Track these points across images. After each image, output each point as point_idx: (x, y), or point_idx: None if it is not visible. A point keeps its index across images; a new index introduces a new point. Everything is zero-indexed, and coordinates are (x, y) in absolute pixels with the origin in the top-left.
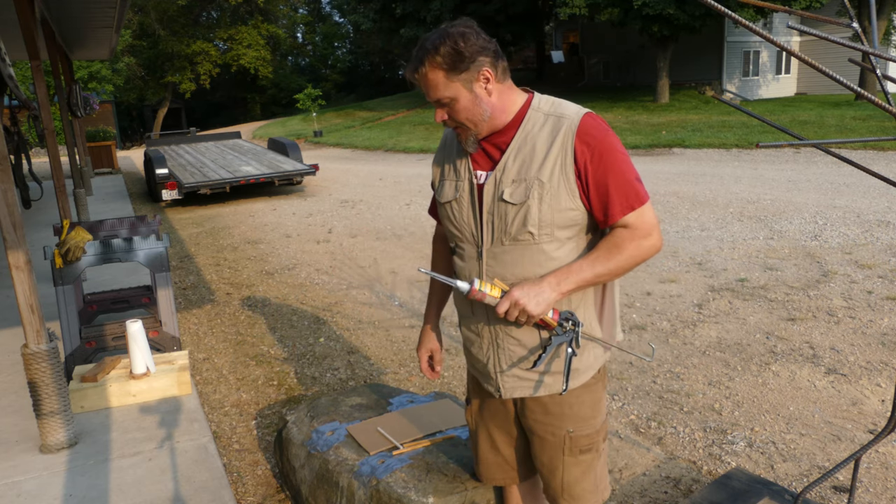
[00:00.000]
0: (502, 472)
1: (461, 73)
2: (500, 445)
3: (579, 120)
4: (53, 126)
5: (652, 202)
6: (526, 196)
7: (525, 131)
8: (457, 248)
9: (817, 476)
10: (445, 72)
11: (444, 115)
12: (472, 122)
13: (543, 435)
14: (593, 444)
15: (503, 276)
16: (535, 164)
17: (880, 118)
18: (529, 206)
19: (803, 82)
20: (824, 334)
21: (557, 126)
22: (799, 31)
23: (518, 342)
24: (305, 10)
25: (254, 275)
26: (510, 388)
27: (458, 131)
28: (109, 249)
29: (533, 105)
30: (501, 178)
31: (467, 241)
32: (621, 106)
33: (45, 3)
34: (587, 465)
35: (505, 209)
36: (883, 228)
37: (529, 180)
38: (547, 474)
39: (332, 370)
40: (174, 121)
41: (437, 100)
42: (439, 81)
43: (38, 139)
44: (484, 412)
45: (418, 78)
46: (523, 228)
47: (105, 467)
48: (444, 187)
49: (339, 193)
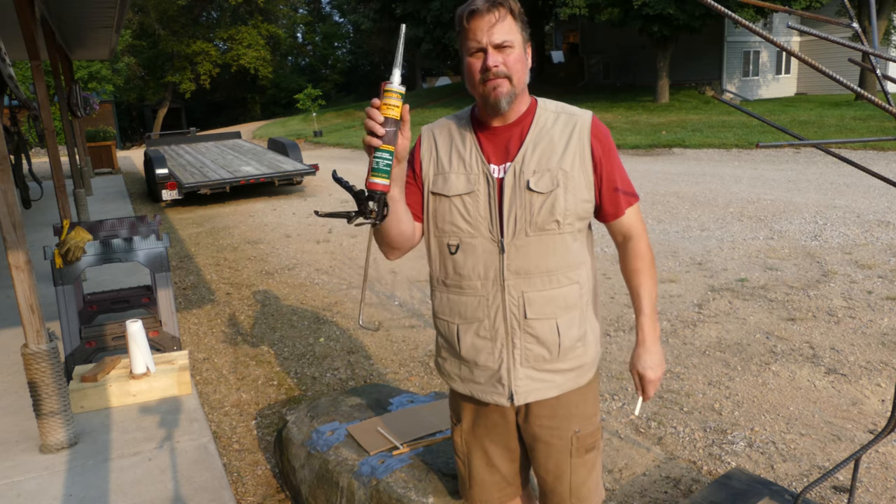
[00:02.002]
0: (500, 491)
1: (523, 30)
2: (498, 462)
3: (590, 119)
4: (53, 126)
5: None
6: (553, 185)
7: (539, 126)
8: (461, 246)
9: (817, 476)
10: (515, 20)
11: (500, 59)
12: (519, 77)
13: (549, 440)
14: (596, 442)
15: (526, 268)
16: (555, 156)
17: (880, 118)
18: (557, 195)
19: (803, 82)
20: (824, 334)
21: (571, 122)
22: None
23: (535, 339)
24: (305, 10)
25: (254, 275)
26: (524, 391)
27: (496, 83)
28: (109, 249)
29: (540, 105)
30: (522, 169)
31: (481, 235)
32: (621, 106)
33: (45, 3)
34: (592, 464)
35: (530, 199)
36: (883, 228)
37: (553, 170)
38: (553, 481)
39: (332, 370)
40: (174, 121)
41: (502, 41)
42: (510, 24)
43: (38, 139)
44: (478, 430)
45: (492, 16)
46: (550, 217)
47: (105, 467)
48: (448, 181)
49: (339, 193)
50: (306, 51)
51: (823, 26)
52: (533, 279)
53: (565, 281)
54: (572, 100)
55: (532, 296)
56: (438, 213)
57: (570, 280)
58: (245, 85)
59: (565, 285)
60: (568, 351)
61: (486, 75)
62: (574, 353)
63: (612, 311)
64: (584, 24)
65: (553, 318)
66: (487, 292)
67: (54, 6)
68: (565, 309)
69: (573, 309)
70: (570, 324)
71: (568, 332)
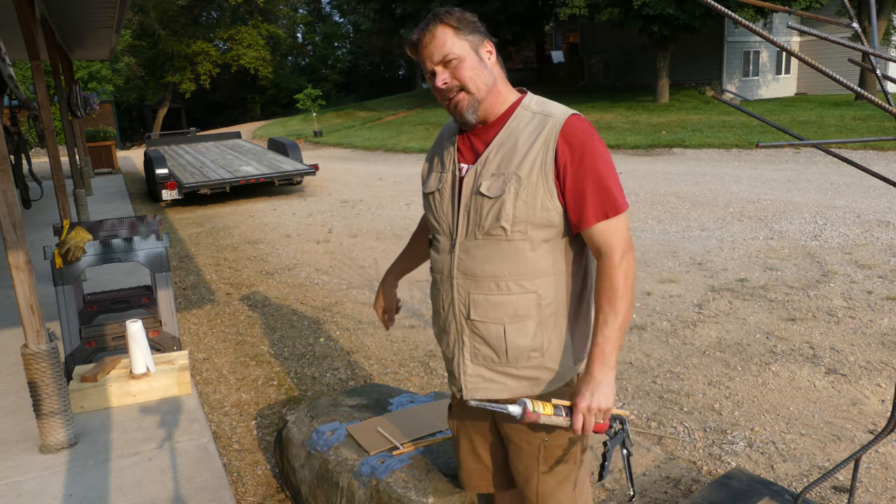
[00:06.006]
0: (484, 480)
1: (469, 34)
2: (481, 451)
3: (564, 119)
4: (53, 126)
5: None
6: (502, 190)
7: (510, 127)
8: (433, 240)
9: (817, 476)
10: (455, 30)
11: (448, 76)
12: (475, 84)
13: (518, 442)
14: (570, 456)
15: (472, 271)
16: (515, 160)
17: (880, 118)
18: (504, 200)
19: (803, 82)
20: (824, 334)
21: (542, 124)
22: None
23: (483, 340)
24: (305, 10)
25: (254, 275)
26: (472, 388)
27: (457, 100)
28: (109, 249)
29: (523, 103)
30: (481, 172)
31: (443, 233)
32: (621, 106)
33: (45, 3)
34: (563, 477)
35: (481, 202)
36: (883, 228)
37: (507, 175)
38: (522, 483)
39: (332, 370)
40: (174, 121)
41: (443, 57)
42: (447, 38)
43: (38, 139)
44: (465, 417)
45: (427, 39)
46: (496, 223)
47: (105, 467)
48: (430, 178)
49: (339, 193)
50: (306, 51)
51: (823, 26)
52: (479, 282)
53: (516, 289)
54: (572, 100)
55: (477, 298)
56: (425, 208)
57: (524, 289)
58: (245, 85)
59: (516, 293)
60: (518, 358)
61: (443, 94)
62: (528, 362)
63: None
64: (584, 24)
65: (500, 323)
66: (444, 287)
67: (54, 6)
68: (515, 317)
69: (526, 318)
70: (519, 332)
71: (517, 341)
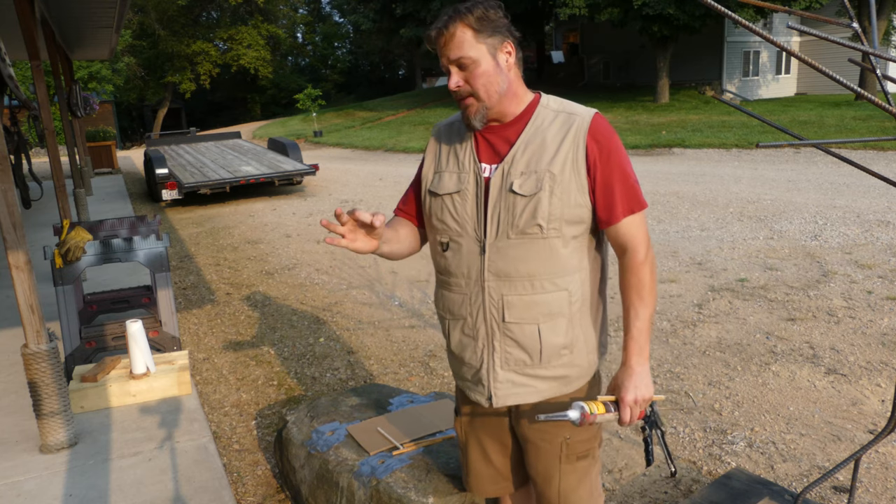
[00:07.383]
0: (495, 484)
1: (489, 37)
2: (493, 456)
3: (590, 118)
4: (53, 126)
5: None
6: (537, 188)
7: (535, 125)
8: (450, 244)
9: (817, 476)
10: (475, 31)
11: (461, 79)
12: (487, 92)
13: (539, 443)
14: (590, 451)
15: (507, 272)
16: (545, 158)
17: (880, 118)
18: (540, 197)
19: (803, 82)
20: (824, 334)
21: (568, 122)
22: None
23: (515, 343)
24: (305, 10)
25: (254, 275)
26: (503, 395)
27: (466, 103)
28: (109, 249)
29: (542, 102)
30: (510, 171)
31: (467, 235)
32: (621, 106)
33: (45, 3)
34: (583, 472)
35: (514, 201)
36: (883, 228)
37: (540, 172)
38: (542, 483)
39: (332, 370)
40: (174, 121)
41: (458, 59)
42: (466, 40)
43: (38, 139)
44: (475, 422)
45: (445, 36)
46: (532, 221)
47: (105, 467)
48: (442, 179)
49: (339, 193)
50: (306, 51)
51: (823, 26)
52: (514, 283)
53: (550, 287)
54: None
55: (512, 299)
56: (433, 210)
57: (557, 287)
58: (245, 85)
59: (550, 291)
60: (551, 358)
61: (456, 94)
62: (559, 360)
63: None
64: (584, 24)
65: (534, 323)
66: (470, 291)
67: (54, 6)
68: (549, 315)
69: (558, 316)
70: (553, 331)
71: (551, 339)
